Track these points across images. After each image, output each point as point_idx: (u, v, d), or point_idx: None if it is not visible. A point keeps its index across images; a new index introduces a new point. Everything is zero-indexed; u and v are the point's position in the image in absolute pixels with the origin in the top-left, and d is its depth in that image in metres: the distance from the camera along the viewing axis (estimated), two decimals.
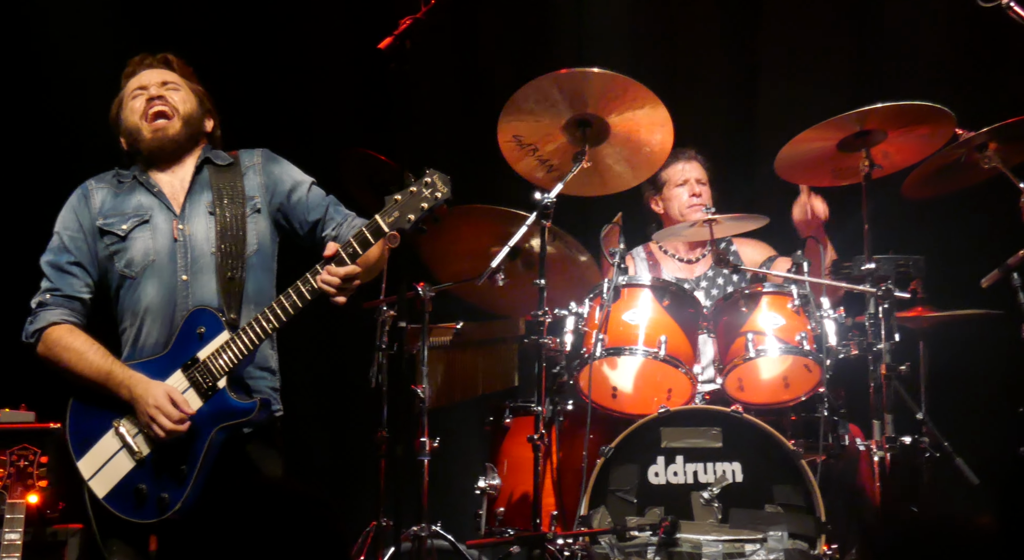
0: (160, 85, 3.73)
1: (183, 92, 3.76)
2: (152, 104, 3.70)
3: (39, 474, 3.80)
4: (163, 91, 3.72)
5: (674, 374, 4.31)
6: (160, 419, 3.45)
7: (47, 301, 3.64)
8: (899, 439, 4.13)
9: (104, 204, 3.70)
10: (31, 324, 3.64)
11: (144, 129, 3.70)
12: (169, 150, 3.72)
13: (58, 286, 3.65)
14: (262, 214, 3.71)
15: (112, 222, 3.67)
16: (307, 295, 3.42)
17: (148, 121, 3.69)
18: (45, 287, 3.66)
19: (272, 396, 3.68)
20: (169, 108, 3.71)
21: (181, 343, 3.54)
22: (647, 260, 5.09)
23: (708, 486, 4.08)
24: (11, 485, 3.75)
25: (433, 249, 4.68)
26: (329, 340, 5.51)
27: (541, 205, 4.15)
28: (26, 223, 4.57)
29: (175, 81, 3.76)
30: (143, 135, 3.70)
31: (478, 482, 4.45)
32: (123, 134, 3.76)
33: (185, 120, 3.72)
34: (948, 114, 4.26)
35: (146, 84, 3.74)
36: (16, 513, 3.71)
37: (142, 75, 3.77)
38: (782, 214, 4.78)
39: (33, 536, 4.02)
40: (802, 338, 4.25)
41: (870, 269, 4.22)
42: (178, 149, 3.73)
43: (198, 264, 3.63)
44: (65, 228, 3.71)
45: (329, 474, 5.54)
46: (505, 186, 4.85)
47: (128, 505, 3.50)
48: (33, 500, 3.82)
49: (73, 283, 3.66)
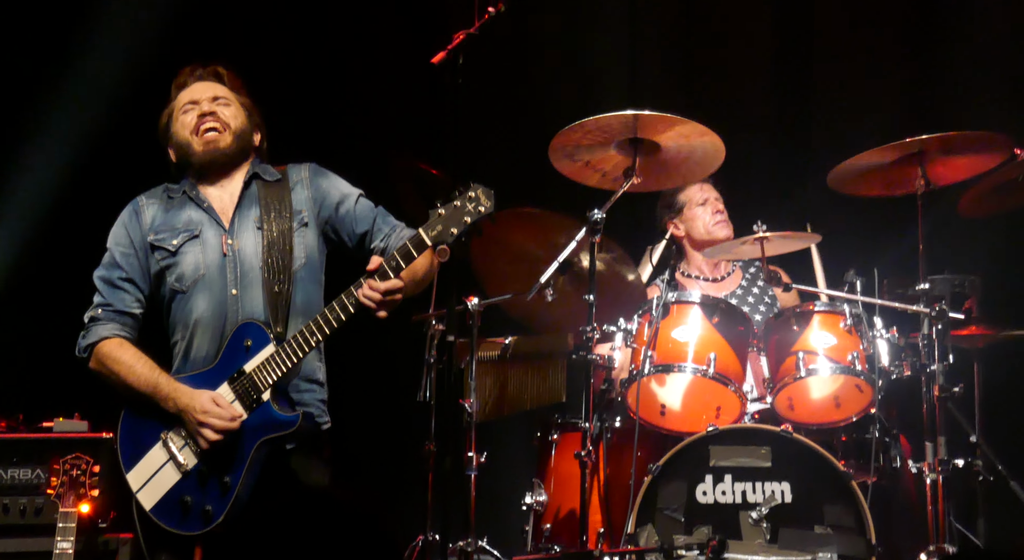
0: (211, 100, 3.76)
1: (234, 107, 3.78)
2: (204, 120, 3.73)
3: (91, 483, 3.84)
4: (215, 107, 3.75)
5: (723, 392, 4.28)
6: (210, 421, 3.48)
7: (99, 316, 3.68)
8: (952, 462, 4.07)
9: (155, 220, 3.74)
10: (83, 339, 3.68)
11: (195, 143, 3.73)
12: (220, 163, 3.75)
13: (110, 301, 3.69)
14: (309, 228, 3.74)
15: (163, 237, 3.71)
16: (350, 308, 3.44)
17: (199, 136, 3.72)
18: (97, 302, 3.71)
19: (319, 408, 3.70)
20: (220, 124, 3.73)
21: (229, 356, 3.57)
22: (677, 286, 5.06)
23: (757, 506, 4.04)
24: (64, 494, 3.79)
25: (482, 259, 4.68)
26: (378, 353, 5.52)
27: (591, 221, 4.14)
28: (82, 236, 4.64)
29: (226, 96, 3.79)
30: (194, 149, 3.73)
31: (525, 498, 4.45)
32: (173, 147, 3.79)
33: (236, 135, 3.75)
34: (1007, 139, 4.20)
35: (198, 99, 3.76)
36: (68, 522, 3.75)
37: (194, 88, 3.79)
38: (834, 232, 4.73)
39: (84, 545, 4.06)
40: (854, 358, 4.21)
41: (924, 289, 4.17)
42: (228, 163, 3.76)
43: (247, 278, 3.65)
44: (117, 244, 3.75)
45: (376, 487, 5.55)
46: (557, 201, 4.84)
47: (174, 517, 3.53)
48: (85, 509, 3.85)
49: (124, 298, 3.70)
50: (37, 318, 5.29)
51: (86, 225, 4.83)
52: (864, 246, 5.27)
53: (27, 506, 4.16)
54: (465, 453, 4.37)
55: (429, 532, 4.39)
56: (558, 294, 4.38)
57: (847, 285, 4.32)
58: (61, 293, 4.91)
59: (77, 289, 3.89)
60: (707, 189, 5.02)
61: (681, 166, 4.50)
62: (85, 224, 5.01)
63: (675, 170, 4.53)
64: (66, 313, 4.02)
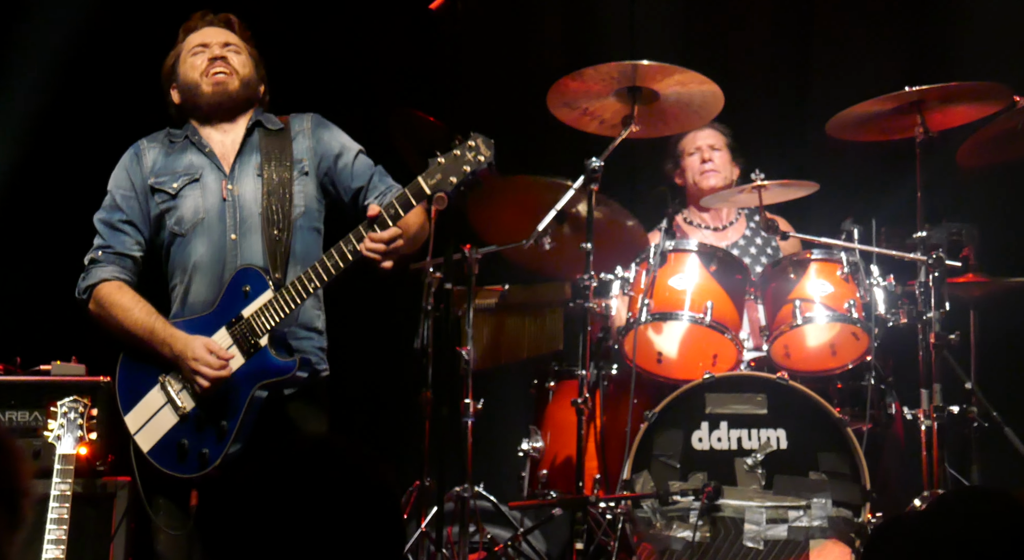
0: (222, 46, 3.75)
1: (243, 56, 3.77)
2: (214, 64, 3.72)
3: (89, 426, 3.85)
4: (225, 52, 3.74)
5: (720, 340, 4.29)
6: (202, 369, 3.48)
7: (99, 258, 3.68)
8: (947, 408, 4.09)
9: (156, 163, 3.73)
10: (83, 280, 3.68)
11: (204, 84, 3.71)
12: (226, 107, 3.73)
13: (110, 243, 3.69)
14: (309, 177, 3.73)
15: (163, 181, 3.70)
16: (348, 256, 3.43)
17: (208, 77, 3.71)
18: (97, 244, 3.70)
19: (318, 355, 3.70)
20: (229, 69, 3.72)
21: (227, 301, 3.56)
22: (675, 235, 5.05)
23: (752, 452, 4.07)
24: (62, 436, 3.80)
25: (480, 213, 4.67)
26: (375, 301, 5.53)
27: (589, 169, 4.13)
28: (78, 181, 4.61)
29: (236, 43, 3.78)
30: (202, 89, 3.72)
31: (521, 445, 4.47)
32: (179, 89, 3.77)
33: (243, 82, 3.74)
34: (1006, 90, 4.18)
35: (208, 42, 3.75)
36: (66, 464, 3.77)
37: (204, 32, 3.78)
38: (832, 181, 4.72)
39: (83, 487, 4.06)
40: (850, 306, 4.21)
41: (921, 237, 4.17)
42: (234, 107, 3.75)
43: (246, 224, 3.65)
44: (118, 187, 3.74)
45: (373, 434, 5.57)
46: (553, 153, 4.84)
47: (171, 459, 3.54)
48: (83, 452, 3.87)
49: (125, 241, 3.70)
50: (34, 262, 5.29)
51: (81, 167, 4.83)
52: (862, 194, 5.26)
53: (25, 448, 4.16)
54: (462, 400, 4.39)
55: (426, 478, 4.41)
56: (558, 242, 4.38)
57: (844, 233, 4.32)
58: (57, 237, 4.92)
59: (73, 233, 3.88)
60: (701, 136, 4.99)
61: (680, 114, 4.50)
62: (80, 166, 5.01)
63: (673, 118, 4.53)
64: (63, 257, 4.02)
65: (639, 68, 4.26)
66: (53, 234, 5.13)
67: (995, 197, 5.21)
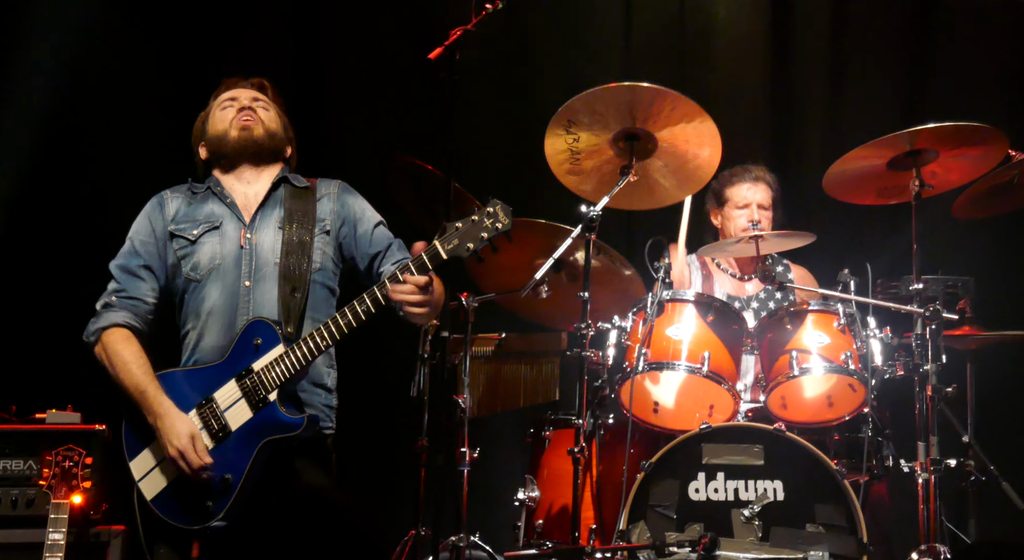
0: (252, 100, 3.85)
1: (272, 112, 3.87)
2: (242, 114, 3.80)
3: (83, 475, 3.84)
4: (254, 105, 3.83)
5: (716, 390, 4.29)
6: (180, 464, 3.50)
7: (113, 302, 3.70)
8: (944, 462, 4.08)
9: (179, 211, 3.79)
10: (93, 323, 3.69)
11: (231, 131, 3.79)
12: (251, 151, 3.79)
13: (125, 287, 3.71)
14: (330, 237, 3.78)
15: (184, 227, 3.75)
16: (361, 315, 3.44)
17: (235, 123, 3.78)
18: (112, 288, 3.73)
19: (325, 413, 3.71)
20: (255, 118, 3.80)
21: (238, 352, 3.57)
22: (701, 271, 5.06)
23: (749, 504, 4.05)
24: (56, 485, 3.79)
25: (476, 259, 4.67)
26: (371, 348, 5.53)
27: (587, 218, 4.14)
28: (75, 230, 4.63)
29: (266, 102, 3.86)
30: (229, 135, 3.79)
31: (517, 494, 4.45)
32: (207, 143, 3.85)
33: (269, 133, 3.81)
34: (1001, 135, 4.21)
35: (237, 96, 3.85)
36: (60, 513, 3.75)
37: (235, 90, 3.89)
38: (829, 232, 4.74)
39: (76, 536, 4.04)
40: (847, 357, 4.21)
41: (918, 289, 4.18)
42: (258, 155, 3.80)
43: (261, 272, 3.67)
44: (137, 233, 3.79)
45: (369, 482, 5.55)
46: (551, 200, 4.84)
47: (174, 510, 3.53)
48: (77, 501, 3.85)
49: (140, 286, 3.72)
50: (31, 310, 5.28)
51: (77, 216, 4.85)
52: (858, 246, 5.28)
53: (19, 497, 4.15)
54: (458, 449, 4.38)
55: (421, 527, 4.39)
56: (555, 291, 4.38)
57: (841, 284, 4.33)
58: (56, 285, 4.93)
59: (70, 281, 3.90)
60: (755, 191, 4.94)
61: (679, 170, 4.46)
62: (76, 215, 5.03)
63: (672, 174, 4.49)
64: (59, 305, 4.03)
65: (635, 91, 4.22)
66: (50, 282, 5.13)
67: (991, 249, 5.24)
